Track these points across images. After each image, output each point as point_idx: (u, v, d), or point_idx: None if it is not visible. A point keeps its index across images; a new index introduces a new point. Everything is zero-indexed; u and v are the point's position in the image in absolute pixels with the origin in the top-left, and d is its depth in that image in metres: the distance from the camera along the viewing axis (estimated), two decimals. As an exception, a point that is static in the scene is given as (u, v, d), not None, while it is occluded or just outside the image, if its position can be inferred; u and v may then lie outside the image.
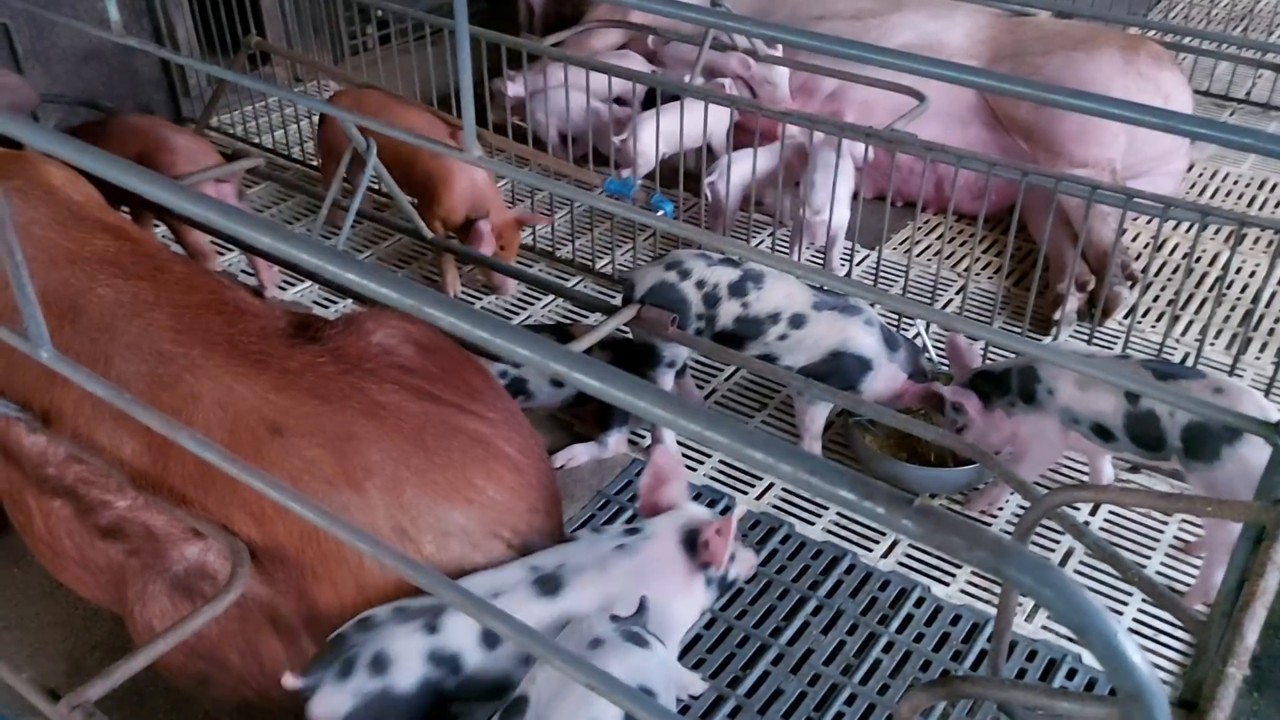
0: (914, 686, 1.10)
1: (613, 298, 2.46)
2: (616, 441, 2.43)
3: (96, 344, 1.86)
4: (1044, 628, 2.03)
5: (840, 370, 2.25)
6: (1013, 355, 2.36)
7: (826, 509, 2.32)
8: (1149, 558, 2.22)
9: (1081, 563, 2.19)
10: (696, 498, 2.23)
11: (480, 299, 2.98)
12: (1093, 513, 2.32)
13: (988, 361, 2.49)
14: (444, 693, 1.53)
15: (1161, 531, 2.27)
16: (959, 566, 2.19)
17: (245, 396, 1.73)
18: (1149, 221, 3.35)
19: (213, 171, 2.69)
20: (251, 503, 1.66)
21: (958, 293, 3.01)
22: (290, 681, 1.49)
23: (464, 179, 2.82)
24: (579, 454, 2.42)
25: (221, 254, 3.09)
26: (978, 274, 3.17)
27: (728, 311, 2.27)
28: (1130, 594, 2.13)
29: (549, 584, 1.63)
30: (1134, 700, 0.68)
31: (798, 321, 2.27)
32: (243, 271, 3.11)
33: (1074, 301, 2.85)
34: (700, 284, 2.28)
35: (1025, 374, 2.18)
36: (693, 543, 1.71)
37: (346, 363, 1.84)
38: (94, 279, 1.97)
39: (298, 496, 1.28)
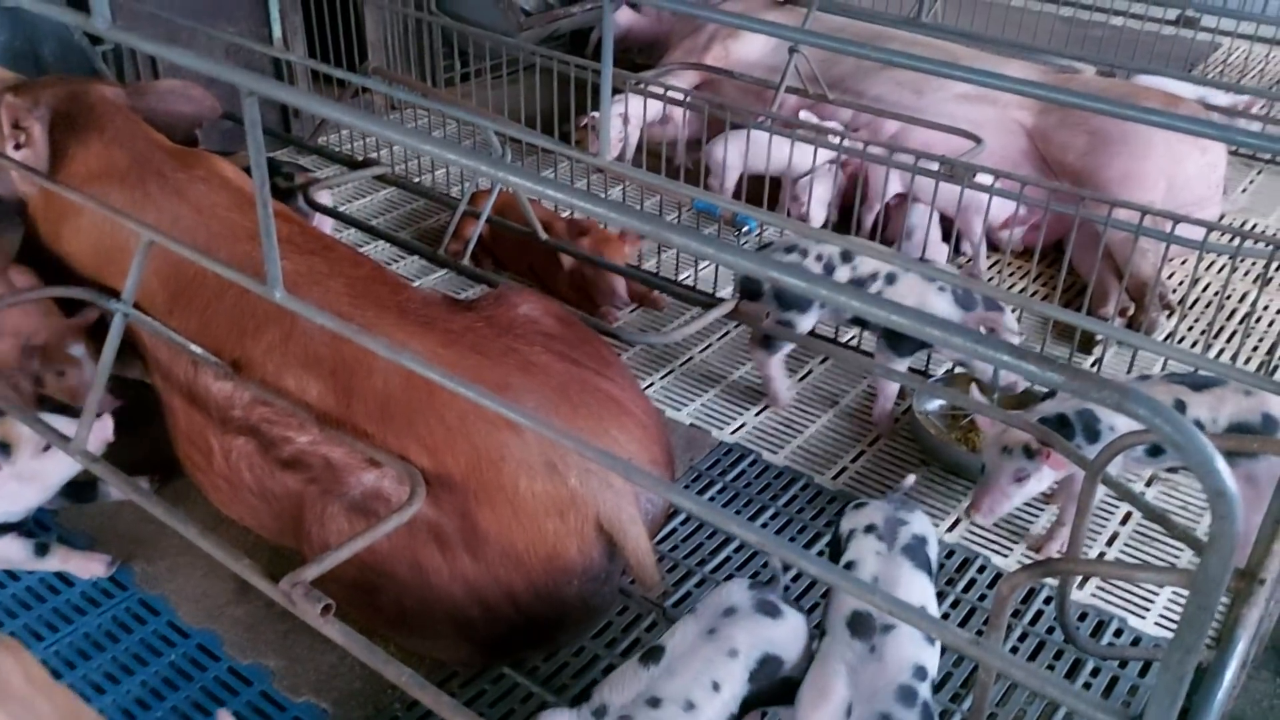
0: (1017, 570, 1.36)
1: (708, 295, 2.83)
2: None
3: (283, 304, 2.15)
4: (1093, 595, 2.30)
5: None
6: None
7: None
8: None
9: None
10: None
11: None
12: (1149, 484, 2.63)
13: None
14: None
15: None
16: (1015, 543, 2.45)
17: (418, 350, 2.02)
18: (1184, 262, 3.64)
19: (346, 177, 3.02)
20: (424, 436, 1.94)
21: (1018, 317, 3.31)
22: None
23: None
24: None
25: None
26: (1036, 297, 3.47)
27: (841, 276, 2.64)
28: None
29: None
30: (1219, 495, 0.95)
31: (891, 279, 2.64)
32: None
33: (1119, 323, 3.14)
34: (819, 257, 2.67)
35: (1084, 416, 2.25)
36: None
37: (499, 328, 2.13)
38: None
39: (519, 410, 1.57)
